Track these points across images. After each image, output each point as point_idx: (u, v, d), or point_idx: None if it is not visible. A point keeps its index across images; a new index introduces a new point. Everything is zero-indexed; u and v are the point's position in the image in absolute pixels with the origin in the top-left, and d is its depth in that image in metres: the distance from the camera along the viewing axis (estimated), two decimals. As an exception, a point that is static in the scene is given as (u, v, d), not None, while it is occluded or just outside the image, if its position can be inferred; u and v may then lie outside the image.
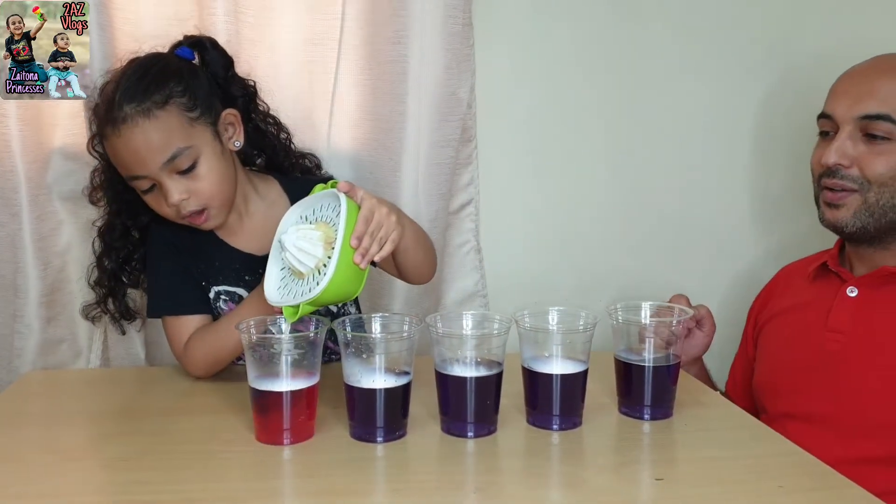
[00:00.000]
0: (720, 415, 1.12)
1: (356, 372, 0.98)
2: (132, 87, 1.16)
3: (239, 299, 1.26)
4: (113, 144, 1.17)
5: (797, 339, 1.31)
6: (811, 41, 1.76)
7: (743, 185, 1.81)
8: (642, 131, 1.75)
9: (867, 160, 1.23)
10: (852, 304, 1.26)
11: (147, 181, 1.17)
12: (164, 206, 1.19)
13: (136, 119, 1.13)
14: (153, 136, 1.14)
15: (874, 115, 1.22)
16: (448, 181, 1.61)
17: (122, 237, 1.32)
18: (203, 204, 1.19)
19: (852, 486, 0.89)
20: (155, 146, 1.14)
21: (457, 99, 1.57)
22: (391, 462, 0.96)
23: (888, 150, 1.22)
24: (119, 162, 1.18)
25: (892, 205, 1.23)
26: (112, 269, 1.33)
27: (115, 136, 1.15)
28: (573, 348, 1.04)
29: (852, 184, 1.25)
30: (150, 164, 1.15)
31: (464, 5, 1.53)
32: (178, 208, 1.17)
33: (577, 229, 1.74)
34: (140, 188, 1.19)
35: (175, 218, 1.20)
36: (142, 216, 1.28)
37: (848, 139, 1.25)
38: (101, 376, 1.41)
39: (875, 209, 1.23)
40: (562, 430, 1.04)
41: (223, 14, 1.46)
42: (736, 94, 1.77)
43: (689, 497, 0.88)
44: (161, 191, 1.17)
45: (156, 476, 0.92)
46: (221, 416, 1.07)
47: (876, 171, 1.23)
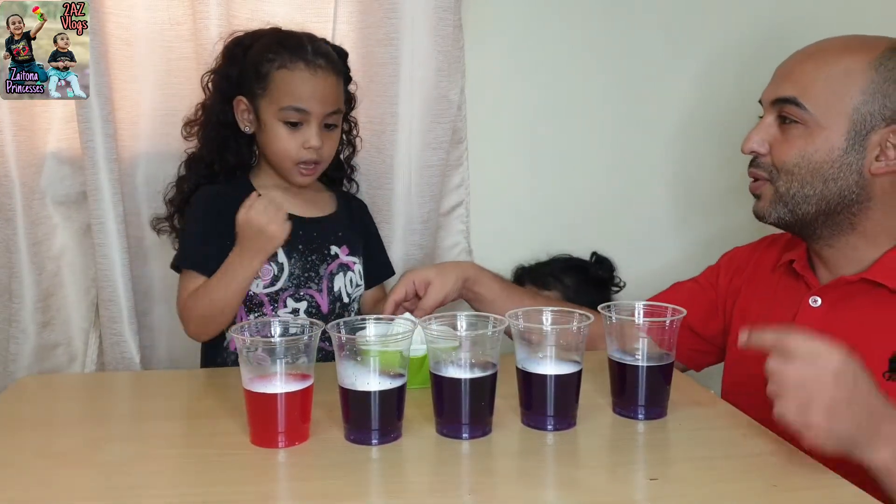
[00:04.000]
0: (714, 414, 1.12)
1: (350, 374, 0.98)
2: (323, 46, 1.35)
3: (273, 255, 1.32)
4: (299, 76, 1.30)
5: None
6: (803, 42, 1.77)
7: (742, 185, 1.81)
8: (633, 132, 1.76)
9: (777, 147, 1.17)
10: (817, 315, 1.18)
11: (304, 117, 1.31)
12: (292, 143, 1.31)
13: (329, 69, 1.33)
14: (331, 89, 1.33)
15: (784, 98, 1.16)
16: (439, 183, 1.62)
17: (205, 168, 1.39)
18: (322, 158, 1.35)
19: (846, 484, 0.89)
20: (331, 96, 1.33)
21: (448, 101, 1.58)
22: (386, 464, 0.96)
23: (796, 135, 1.15)
24: (292, 92, 1.30)
25: (803, 195, 1.16)
26: (187, 194, 1.40)
27: (307, 70, 1.30)
28: (567, 349, 1.04)
29: (764, 172, 1.19)
30: (320, 106, 1.31)
31: (454, 7, 1.54)
32: (312, 151, 1.32)
33: (568, 230, 1.75)
34: (290, 119, 1.31)
35: (293, 159, 1.32)
36: (228, 156, 1.38)
37: (768, 126, 1.19)
38: (96, 380, 1.41)
39: (787, 199, 1.17)
40: (556, 430, 1.04)
41: (216, 18, 1.47)
42: (728, 93, 1.77)
43: (684, 496, 0.88)
44: (306, 131, 1.31)
45: (151, 480, 0.92)
46: (216, 420, 1.07)
47: (782, 157, 1.17)
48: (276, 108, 1.31)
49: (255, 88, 1.32)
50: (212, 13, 1.46)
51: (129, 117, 1.52)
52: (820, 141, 1.14)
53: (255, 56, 1.33)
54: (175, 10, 1.50)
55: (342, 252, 1.39)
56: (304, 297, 1.34)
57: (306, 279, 1.35)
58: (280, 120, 1.31)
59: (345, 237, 1.41)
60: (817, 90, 1.14)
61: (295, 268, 1.33)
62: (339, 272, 1.39)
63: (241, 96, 1.34)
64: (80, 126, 1.44)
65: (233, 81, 1.35)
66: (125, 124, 1.52)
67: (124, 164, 1.52)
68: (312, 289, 1.35)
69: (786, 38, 1.76)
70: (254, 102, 1.33)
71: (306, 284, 1.34)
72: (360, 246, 1.44)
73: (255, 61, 1.33)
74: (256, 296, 1.33)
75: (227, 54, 1.37)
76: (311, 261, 1.36)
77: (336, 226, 1.41)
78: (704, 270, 1.44)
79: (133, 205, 1.54)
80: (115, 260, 1.48)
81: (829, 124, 1.14)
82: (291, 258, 1.34)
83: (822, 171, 1.14)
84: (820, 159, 1.14)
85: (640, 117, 1.76)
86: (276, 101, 1.31)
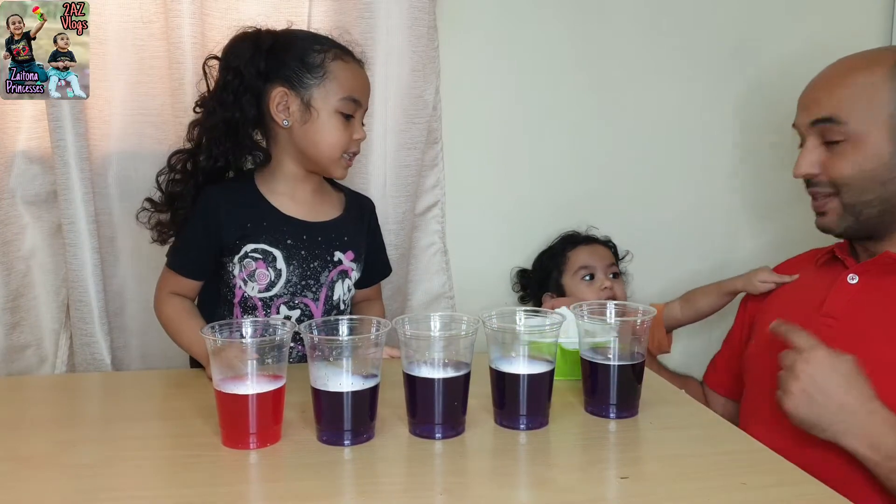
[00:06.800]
0: (685, 413, 1.13)
1: (323, 375, 0.98)
2: None
3: (272, 259, 1.30)
4: (354, 68, 1.32)
5: (792, 321, 1.28)
6: (777, 45, 1.79)
7: (717, 183, 1.84)
8: (608, 132, 1.77)
9: (829, 165, 1.26)
10: (851, 290, 1.27)
11: (357, 108, 1.32)
12: (345, 135, 1.31)
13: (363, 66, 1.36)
14: (369, 83, 1.36)
15: (821, 119, 1.25)
16: (415, 183, 1.62)
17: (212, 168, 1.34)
18: (359, 151, 1.37)
19: (812, 481, 0.91)
20: (369, 90, 1.36)
21: (423, 101, 1.58)
22: (359, 465, 0.96)
23: (843, 151, 1.24)
24: (351, 83, 1.31)
25: (866, 201, 1.24)
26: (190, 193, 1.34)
27: (356, 63, 1.34)
28: (539, 348, 1.05)
29: (828, 188, 1.27)
30: (366, 100, 1.34)
31: (429, 7, 1.54)
32: (358, 143, 1.33)
33: (543, 230, 1.75)
34: (347, 110, 1.31)
35: (341, 150, 1.31)
36: (219, 159, 1.33)
37: (814, 149, 1.28)
38: (66, 382, 1.39)
39: (855, 207, 1.25)
40: (529, 429, 1.04)
41: (189, 16, 1.46)
42: (705, 94, 1.79)
43: (654, 494, 0.89)
44: (354, 123, 1.32)
45: (122, 483, 0.91)
46: (187, 421, 1.07)
47: (839, 173, 1.25)
48: (336, 99, 1.29)
49: (306, 79, 1.28)
50: (184, 11, 1.45)
51: (100, 116, 1.51)
52: (868, 151, 1.23)
53: (293, 48, 1.30)
54: (147, 8, 1.49)
55: (346, 258, 1.36)
56: (299, 305, 1.33)
57: (303, 287, 1.32)
58: (337, 110, 1.29)
59: (350, 241, 1.37)
60: (850, 106, 1.23)
61: (293, 275, 1.31)
62: (339, 279, 1.36)
63: (282, 87, 1.28)
64: (51, 124, 1.42)
65: (261, 74, 1.29)
66: (96, 123, 1.50)
67: (95, 163, 1.50)
68: (308, 297, 1.33)
69: (758, 39, 1.79)
70: (302, 93, 1.28)
71: (302, 293, 1.32)
72: (363, 249, 1.41)
73: (299, 52, 1.29)
74: (250, 299, 1.31)
75: (244, 48, 1.30)
76: (313, 268, 1.33)
77: (342, 230, 1.37)
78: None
79: (104, 204, 1.53)
80: (85, 260, 1.47)
81: (871, 134, 1.22)
82: (291, 265, 1.31)
83: (878, 177, 1.23)
84: (872, 167, 1.23)
85: (614, 117, 1.77)
86: (335, 92, 1.29)
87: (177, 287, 1.32)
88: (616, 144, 1.78)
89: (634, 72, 1.76)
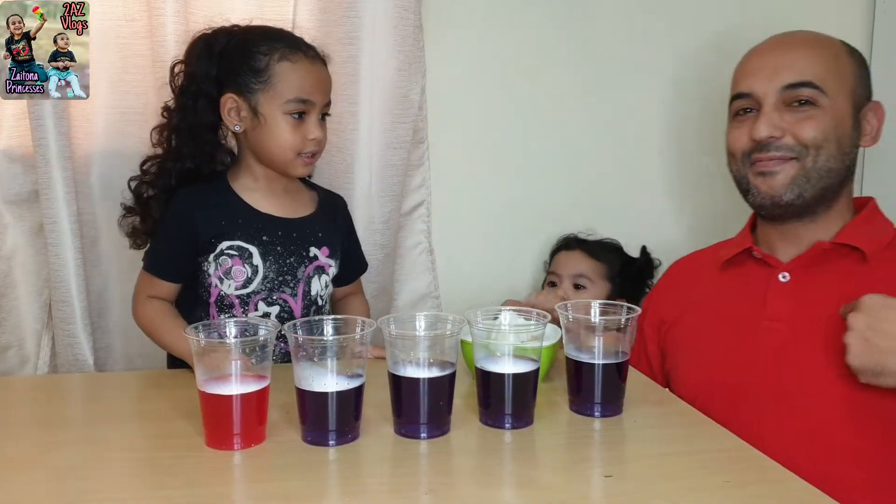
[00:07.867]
0: (669, 412, 1.14)
1: (308, 375, 0.98)
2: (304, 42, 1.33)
3: (248, 256, 1.30)
4: (302, 67, 1.29)
5: (727, 331, 1.28)
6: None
7: (707, 185, 1.84)
8: (593, 131, 1.78)
9: (798, 127, 1.24)
10: (787, 289, 1.25)
11: (308, 108, 1.29)
12: (297, 136, 1.29)
13: (320, 59, 1.33)
14: (327, 79, 1.34)
15: (796, 83, 1.24)
16: (400, 183, 1.62)
17: (181, 171, 1.34)
18: (321, 148, 1.34)
19: (795, 479, 0.91)
20: (328, 86, 1.34)
21: (409, 101, 1.58)
22: (343, 465, 0.96)
23: (815, 114, 1.24)
24: (297, 83, 1.28)
25: (828, 168, 1.24)
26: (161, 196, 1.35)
27: (307, 61, 1.30)
28: (524, 348, 1.05)
29: (789, 152, 1.25)
30: (321, 97, 1.31)
31: (414, 7, 1.54)
32: (315, 142, 1.31)
33: (529, 230, 1.76)
34: (295, 111, 1.29)
35: (296, 150, 1.30)
36: (187, 162, 1.33)
37: (774, 111, 1.26)
38: (48, 383, 1.38)
39: (812, 174, 1.24)
40: (514, 429, 1.04)
41: (172, 14, 1.45)
42: (693, 95, 1.80)
43: (638, 493, 0.89)
44: (308, 123, 1.30)
45: (104, 484, 0.90)
46: (171, 422, 1.06)
47: (809, 135, 1.24)
48: (280, 102, 1.28)
49: (251, 83, 1.28)
50: (168, 10, 1.45)
51: (83, 114, 1.50)
52: (838, 116, 1.25)
53: (241, 51, 1.29)
54: (131, 6, 1.48)
55: (321, 253, 1.37)
56: (277, 301, 1.32)
57: (280, 283, 1.32)
58: (285, 113, 1.29)
59: (325, 238, 1.38)
60: (825, 73, 1.25)
61: (270, 271, 1.31)
62: (315, 275, 1.37)
63: (230, 94, 1.29)
64: (32, 123, 1.41)
65: (213, 80, 1.30)
66: (79, 122, 1.49)
67: (78, 162, 1.49)
68: (286, 293, 1.33)
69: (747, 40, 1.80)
70: (249, 98, 1.29)
71: (280, 288, 1.32)
72: (340, 246, 1.42)
73: (244, 56, 1.29)
74: (227, 297, 1.31)
75: (197, 53, 1.32)
76: (289, 263, 1.33)
77: (316, 226, 1.38)
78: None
79: (87, 204, 1.52)
80: (68, 260, 1.46)
81: (840, 103, 1.25)
82: (267, 261, 1.31)
83: (842, 146, 1.25)
84: (840, 134, 1.25)
85: (600, 116, 1.78)
86: (280, 95, 1.28)
87: (154, 291, 1.32)
88: (602, 144, 1.78)
89: (620, 69, 1.76)
